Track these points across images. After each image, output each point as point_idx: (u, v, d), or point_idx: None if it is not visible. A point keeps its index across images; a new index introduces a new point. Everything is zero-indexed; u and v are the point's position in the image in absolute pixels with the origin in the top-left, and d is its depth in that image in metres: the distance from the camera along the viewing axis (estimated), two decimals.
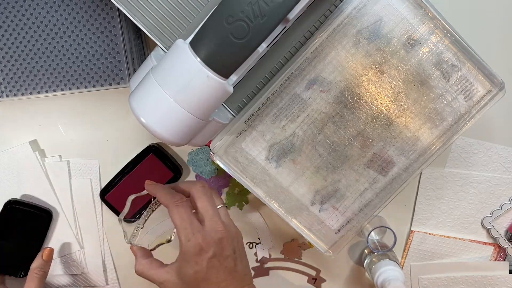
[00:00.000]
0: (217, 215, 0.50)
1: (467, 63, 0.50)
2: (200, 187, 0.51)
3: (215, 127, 0.50)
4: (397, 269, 0.57)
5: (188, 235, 0.48)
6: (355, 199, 0.54)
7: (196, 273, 0.48)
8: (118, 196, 0.62)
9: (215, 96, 0.44)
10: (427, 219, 0.63)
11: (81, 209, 0.64)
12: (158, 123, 0.44)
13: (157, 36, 0.49)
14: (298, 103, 0.52)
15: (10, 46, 0.58)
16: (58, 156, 0.64)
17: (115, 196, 0.62)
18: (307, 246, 0.65)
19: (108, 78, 0.58)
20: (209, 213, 0.49)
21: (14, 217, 0.62)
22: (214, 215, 0.50)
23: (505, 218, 0.62)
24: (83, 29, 0.57)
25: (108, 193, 0.63)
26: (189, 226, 0.48)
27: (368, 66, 0.51)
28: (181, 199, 0.50)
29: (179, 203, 0.50)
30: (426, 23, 0.50)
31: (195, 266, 0.48)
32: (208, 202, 0.50)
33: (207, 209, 0.50)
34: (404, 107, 0.52)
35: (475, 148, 0.61)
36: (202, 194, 0.51)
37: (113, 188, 0.62)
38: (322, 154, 0.53)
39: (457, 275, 0.63)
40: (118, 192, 0.62)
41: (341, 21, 0.50)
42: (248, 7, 0.41)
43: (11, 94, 0.59)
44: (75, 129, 0.63)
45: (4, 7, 0.57)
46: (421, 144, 0.53)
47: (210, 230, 0.48)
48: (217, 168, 0.63)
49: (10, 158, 0.63)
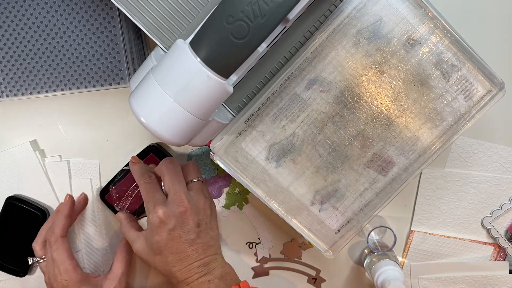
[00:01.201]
0: (181, 190, 0.53)
1: (467, 63, 0.50)
2: (165, 164, 0.55)
3: (215, 127, 0.50)
4: (397, 269, 0.57)
5: (149, 208, 0.52)
6: (355, 199, 0.54)
7: (157, 242, 0.52)
8: (117, 196, 0.62)
9: (215, 96, 0.44)
10: (427, 219, 0.63)
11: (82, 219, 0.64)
12: (158, 123, 0.44)
13: (157, 36, 0.49)
14: (298, 103, 0.52)
15: (10, 46, 0.58)
16: (58, 156, 0.64)
17: (114, 196, 0.62)
18: (307, 246, 0.65)
19: (108, 78, 0.58)
20: (173, 188, 0.53)
21: (13, 215, 0.62)
22: (179, 190, 0.52)
23: (505, 218, 0.62)
24: (83, 29, 0.57)
25: (108, 193, 0.63)
26: (152, 200, 0.52)
27: (368, 66, 0.51)
28: (150, 177, 0.55)
29: (148, 180, 0.54)
30: (426, 23, 0.50)
31: (156, 236, 0.51)
32: (172, 178, 0.53)
33: (171, 184, 0.53)
34: (404, 107, 0.52)
35: (475, 148, 0.61)
36: (166, 171, 0.54)
37: (112, 188, 0.62)
38: (322, 154, 0.53)
39: (457, 275, 0.63)
40: (117, 192, 0.62)
41: (341, 21, 0.50)
42: (248, 7, 0.41)
43: (11, 94, 0.59)
44: (75, 129, 0.63)
45: (4, 7, 0.57)
46: (421, 144, 0.53)
47: (171, 204, 0.52)
48: (217, 168, 0.63)
49: (10, 158, 0.63)
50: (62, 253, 0.56)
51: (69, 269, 0.55)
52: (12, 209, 0.62)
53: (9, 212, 0.62)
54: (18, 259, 0.63)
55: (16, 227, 0.63)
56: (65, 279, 0.55)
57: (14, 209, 0.62)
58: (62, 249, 0.56)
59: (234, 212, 0.65)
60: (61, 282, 0.55)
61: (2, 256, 0.64)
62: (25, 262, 0.62)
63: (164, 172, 0.54)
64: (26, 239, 0.62)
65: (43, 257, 0.58)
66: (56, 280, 0.56)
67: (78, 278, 0.56)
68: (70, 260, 0.56)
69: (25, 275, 0.64)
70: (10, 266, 0.64)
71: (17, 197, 0.63)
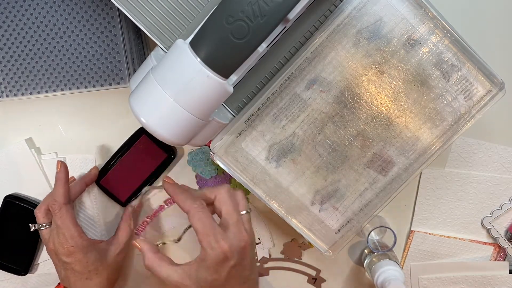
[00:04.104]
0: (241, 222, 0.49)
1: (467, 63, 0.50)
2: (226, 191, 0.51)
3: (215, 127, 0.50)
4: (397, 269, 0.57)
5: (211, 242, 0.47)
6: (355, 199, 0.54)
7: (214, 281, 0.47)
8: (113, 180, 0.62)
9: (215, 96, 0.44)
10: (427, 219, 0.63)
11: (79, 204, 0.64)
12: (158, 123, 0.44)
13: (157, 36, 0.49)
14: (298, 103, 0.52)
15: (10, 46, 0.58)
16: (54, 153, 0.64)
17: (109, 180, 0.62)
18: (307, 246, 0.65)
19: (108, 78, 0.58)
20: (234, 220, 0.49)
21: (12, 213, 0.62)
22: (239, 222, 0.49)
23: (505, 218, 0.62)
24: (83, 29, 0.57)
25: (103, 177, 0.63)
26: (212, 233, 0.47)
27: (368, 66, 0.51)
28: (202, 204, 0.49)
29: (200, 209, 0.49)
30: (426, 23, 0.50)
31: (214, 274, 0.47)
32: (233, 208, 0.50)
33: (232, 215, 0.49)
34: (404, 107, 0.52)
35: (475, 148, 0.61)
36: (228, 199, 0.50)
37: (108, 172, 0.62)
38: (322, 154, 0.53)
39: (457, 275, 0.63)
40: (113, 176, 0.62)
41: (341, 21, 0.50)
42: (248, 7, 0.41)
43: (11, 94, 0.59)
44: (75, 129, 0.63)
45: (4, 7, 0.57)
46: (421, 144, 0.53)
47: (233, 237, 0.47)
48: (217, 168, 0.63)
49: (8, 157, 0.63)
50: (67, 220, 0.55)
51: (74, 235, 0.55)
52: (11, 208, 0.62)
53: (8, 211, 0.62)
54: (18, 257, 0.63)
55: (15, 226, 0.63)
56: (71, 245, 0.55)
57: (12, 207, 0.62)
58: (66, 216, 0.55)
59: None
60: (67, 248, 0.55)
61: (2, 255, 0.64)
62: (26, 261, 0.62)
63: (226, 200, 0.50)
64: (26, 237, 0.62)
65: (44, 224, 0.57)
66: (62, 247, 0.55)
67: (84, 243, 0.55)
68: (75, 226, 0.55)
69: (26, 274, 0.64)
70: (11, 265, 0.64)
71: (15, 196, 0.63)
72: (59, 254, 0.56)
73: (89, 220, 0.65)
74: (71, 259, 0.55)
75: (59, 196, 0.56)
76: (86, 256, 0.55)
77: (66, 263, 0.56)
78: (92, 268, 0.56)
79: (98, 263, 0.56)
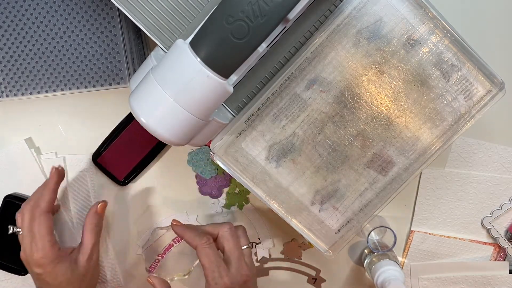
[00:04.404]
0: (242, 258, 0.54)
1: (467, 63, 0.50)
2: (228, 229, 0.55)
3: (215, 127, 0.50)
4: (397, 269, 0.57)
5: (215, 278, 0.52)
6: (355, 199, 0.54)
7: None
8: (110, 158, 0.62)
9: (215, 96, 0.44)
10: (427, 219, 0.63)
11: (79, 204, 0.64)
12: (158, 123, 0.44)
13: (157, 36, 0.49)
14: (298, 103, 0.52)
15: (10, 46, 0.58)
16: (54, 153, 0.64)
17: (107, 159, 0.62)
18: (307, 246, 0.65)
19: (108, 78, 0.58)
20: (235, 256, 0.53)
21: (12, 213, 0.62)
22: (240, 258, 0.54)
23: (505, 218, 0.62)
24: (83, 29, 0.57)
25: (100, 156, 0.62)
26: (217, 269, 0.52)
27: (368, 66, 0.51)
28: (208, 240, 0.54)
29: (207, 245, 0.53)
30: (426, 23, 0.50)
31: None
32: (235, 244, 0.54)
33: (234, 251, 0.54)
34: (404, 107, 0.52)
35: (475, 148, 0.61)
36: (230, 236, 0.54)
37: (105, 151, 0.62)
38: (322, 154, 0.53)
39: (457, 275, 0.63)
40: (109, 154, 0.62)
41: (341, 21, 0.50)
42: (248, 7, 0.41)
43: (11, 94, 0.59)
44: (75, 129, 0.63)
45: (4, 7, 0.57)
46: (421, 144, 0.53)
47: (236, 273, 0.52)
48: (217, 168, 0.63)
49: (7, 157, 0.63)
50: (44, 229, 0.55)
51: (46, 246, 0.55)
52: (11, 208, 0.62)
53: (8, 210, 0.62)
54: (18, 257, 0.63)
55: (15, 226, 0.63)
56: (41, 256, 0.55)
57: (12, 207, 0.62)
58: (44, 224, 0.55)
59: (234, 212, 0.65)
60: (37, 259, 0.55)
61: (2, 255, 0.64)
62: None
63: (228, 237, 0.54)
64: None
65: None
66: (32, 257, 0.55)
67: (54, 256, 0.55)
68: (49, 235, 0.55)
69: (26, 274, 0.64)
70: (11, 265, 0.64)
71: (15, 196, 0.63)
72: (30, 264, 0.56)
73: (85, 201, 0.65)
74: (41, 270, 0.55)
75: (44, 203, 0.56)
76: (55, 268, 0.55)
77: (37, 273, 0.56)
78: (63, 279, 0.56)
79: (69, 274, 0.56)
